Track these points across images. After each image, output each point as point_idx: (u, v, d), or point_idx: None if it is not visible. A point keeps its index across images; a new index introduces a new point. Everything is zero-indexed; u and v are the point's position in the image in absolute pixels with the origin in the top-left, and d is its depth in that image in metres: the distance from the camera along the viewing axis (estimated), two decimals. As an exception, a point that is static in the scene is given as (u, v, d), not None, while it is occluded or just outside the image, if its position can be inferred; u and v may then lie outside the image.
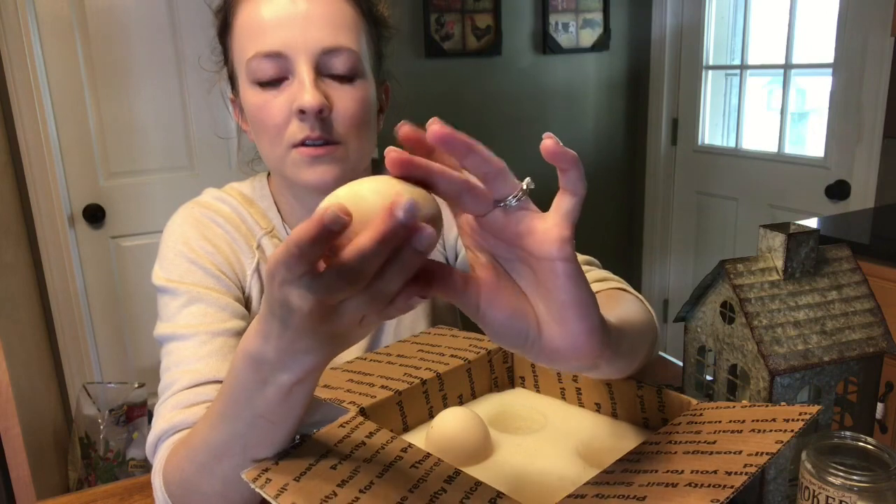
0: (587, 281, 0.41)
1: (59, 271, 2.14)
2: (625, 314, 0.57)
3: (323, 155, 0.73)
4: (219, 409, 0.50)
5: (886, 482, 0.52)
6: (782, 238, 0.67)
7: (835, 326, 0.66)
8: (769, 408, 0.49)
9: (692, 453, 0.45)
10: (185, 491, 0.57)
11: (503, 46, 2.65)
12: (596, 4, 2.76)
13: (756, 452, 0.42)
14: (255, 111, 0.74)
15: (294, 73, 0.72)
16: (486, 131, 2.66)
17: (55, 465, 2.04)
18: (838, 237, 1.71)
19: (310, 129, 0.72)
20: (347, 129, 0.74)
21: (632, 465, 0.46)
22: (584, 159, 2.73)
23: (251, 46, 0.72)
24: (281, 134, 0.73)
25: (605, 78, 2.88)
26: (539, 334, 0.41)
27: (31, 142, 2.04)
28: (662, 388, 0.60)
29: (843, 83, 2.17)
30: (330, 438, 0.51)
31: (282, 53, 0.71)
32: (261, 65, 0.72)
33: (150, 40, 2.16)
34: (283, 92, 0.73)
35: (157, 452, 0.67)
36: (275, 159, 0.76)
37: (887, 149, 2.05)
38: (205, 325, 0.74)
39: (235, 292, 0.80)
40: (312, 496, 0.44)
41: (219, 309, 0.76)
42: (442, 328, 0.80)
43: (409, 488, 0.44)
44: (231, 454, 0.49)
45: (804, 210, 2.36)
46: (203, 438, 0.52)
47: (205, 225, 0.83)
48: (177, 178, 2.28)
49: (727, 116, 2.76)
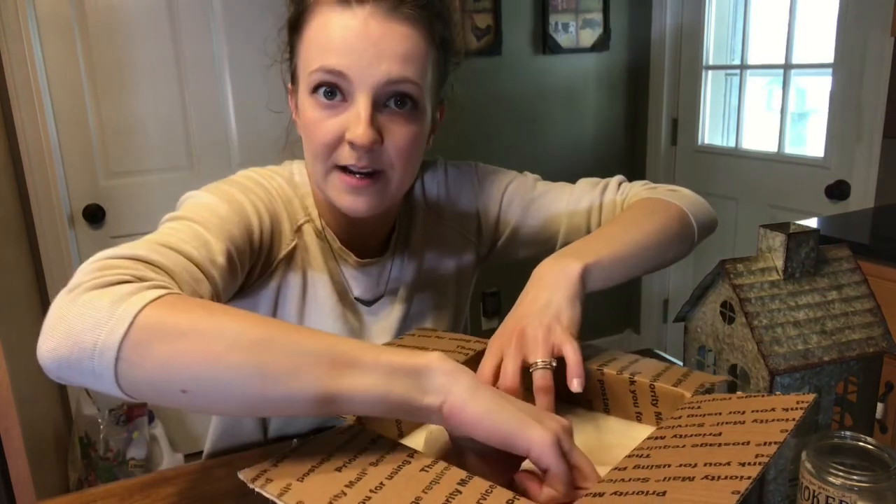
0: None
1: (59, 271, 2.13)
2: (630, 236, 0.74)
3: (365, 186, 0.74)
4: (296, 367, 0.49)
5: (886, 482, 0.52)
6: (782, 238, 0.67)
7: (835, 326, 0.66)
8: (766, 398, 0.50)
9: (701, 446, 0.45)
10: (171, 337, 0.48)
11: (503, 46, 2.65)
12: (596, 4, 2.76)
13: (764, 442, 0.43)
14: (309, 123, 0.74)
15: (353, 98, 0.72)
16: (486, 131, 2.67)
17: (55, 465, 2.04)
18: (838, 237, 1.70)
19: (356, 159, 0.72)
20: (394, 161, 0.74)
21: (643, 460, 0.46)
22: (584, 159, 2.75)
23: (317, 59, 0.72)
24: (327, 152, 0.74)
25: (605, 78, 2.88)
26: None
27: (31, 142, 2.04)
28: (654, 384, 0.61)
29: (842, 83, 2.17)
30: (330, 443, 0.51)
31: (346, 76, 0.71)
32: (323, 79, 0.72)
33: (150, 40, 2.16)
34: (339, 114, 0.72)
35: (103, 262, 0.54)
36: (317, 174, 0.77)
37: (887, 149, 2.05)
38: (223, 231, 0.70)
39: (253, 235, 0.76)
40: (320, 495, 0.43)
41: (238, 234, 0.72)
42: (426, 329, 0.80)
43: (422, 489, 0.44)
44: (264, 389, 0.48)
45: (804, 210, 2.35)
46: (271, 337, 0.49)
47: (267, 178, 0.82)
48: (177, 178, 2.28)
49: (727, 116, 2.76)
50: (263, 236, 0.77)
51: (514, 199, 0.93)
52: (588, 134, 2.90)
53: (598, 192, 0.91)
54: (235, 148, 2.33)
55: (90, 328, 0.48)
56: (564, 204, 0.92)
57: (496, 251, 0.97)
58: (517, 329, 0.63)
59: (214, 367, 0.48)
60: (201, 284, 0.62)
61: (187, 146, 2.28)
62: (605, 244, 0.73)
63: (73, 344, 0.47)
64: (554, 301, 0.64)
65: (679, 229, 0.80)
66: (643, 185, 0.92)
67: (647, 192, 0.88)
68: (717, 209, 3.17)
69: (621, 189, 0.92)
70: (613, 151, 2.98)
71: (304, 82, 0.75)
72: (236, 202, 0.75)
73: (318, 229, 0.84)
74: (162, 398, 0.49)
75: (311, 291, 0.84)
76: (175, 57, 2.20)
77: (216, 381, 0.48)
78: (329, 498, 0.43)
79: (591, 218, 0.91)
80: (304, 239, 0.83)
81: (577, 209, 0.91)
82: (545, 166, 2.82)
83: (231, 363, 0.48)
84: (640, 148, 3.01)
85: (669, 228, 0.79)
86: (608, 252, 0.71)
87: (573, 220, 0.91)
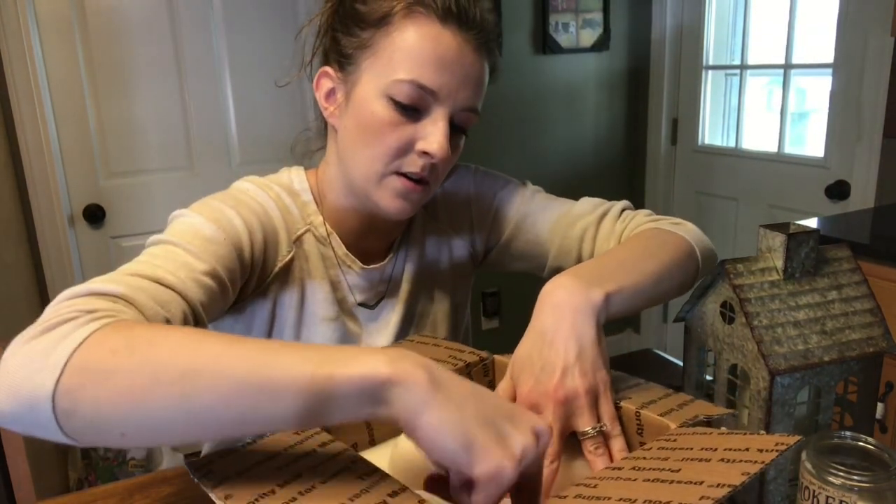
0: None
1: (59, 271, 2.14)
2: (643, 266, 0.72)
3: (417, 192, 0.77)
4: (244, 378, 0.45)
5: (886, 482, 0.52)
6: (782, 238, 0.67)
7: (835, 326, 0.66)
8: (746, 436, 0.47)
9: (652, 481, 0.44)
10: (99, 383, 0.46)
11: (503, 47, 2.64)
12: (596, 4, 2.76)
13: (718, 484, 0.41)
14: (379, 124, 0.74)
15: (432, 114, 0.74)
16: (486, 131, 2.66)
17: (55, 465, 2.04)
18: (838, 237, 1.70)
19: (421, 169, 0.75)
20: (441, 174, 0.79)
21: (587, 489, 0.45)
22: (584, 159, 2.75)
23: (411, 70, 0.72)
24: (392, 157, 0.75)
25: (605, 78, 2.88)
26: None
27: (31, 142, 2.04)
28: (640, 411, 0.58)
29: (843, 83, 2.17)
30: (281, 443, 0.51)
31: (436, 94, 0.73)
32: (412, 91, 0.72)
33: (150, 40, 2.16)
34: (414, 124, 0.74)
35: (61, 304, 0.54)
36: (368, 173, 0.77)
37: (887, 149, 2.05)
38: (208, 252, 0.69)
39: (243, 252, 0.75)
40: (248, 491, 0.44)
41: (226, 253, 0.72)
42: (425, 336, 0.80)
43: (349, 496, 0.44)
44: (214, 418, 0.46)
45: (804, 210, 2.35)
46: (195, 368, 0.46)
47: (264, 188, 0.81)
48: (177, 178, 2.28)
49: (727, 116, 2.76)
50: (255, 251, 0.76)
51: (509, 210, 0.92)
52: (588, 134, 2.90)
53: (596, 218, 0.89)
54: (235, 148, 2.33)
55: (27, 378, 0.46)
56: (559, 224, 0.89)
57: (490, 259, 0.97)
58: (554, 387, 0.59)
59: (142, 407, 0.46)
60: (170, 305, 0.61)
61: (187, 146, 2.28)
62: (625, 273, 0.70)
63: (13, 397, 0.46)
64: (585, 346, 0.61)
65: (687, 263, 0.79)
66: (646, 214, 0.89)
67: (651, 222, 0.86)
68: (717, 209, 3.16)
69: (623, 216, 0.90)
70: (613, 151, 2.98)
71: (379, 84, 0.73)
72: (225, 219, 0.74)
73: (321, 236, 0.84)
74: (107, 442, 0.48)
75: (310, 301, 0.83)
76: (175, 57, 2.20)
77: (147, 421, 0.46)
78: (256, 495, 0.43)
79: (584, 245, 0.88)
80: (303, 249, 0.82)
81: (571, 233, 0.88)
82: (545, 166, 2.82)
83: (156, 402, 0.45)
84: (640, 148, 3.01)
85: (680, 261, 0.77)
86: (630, 282, 0.68)
87: (564, 243, 0.89)
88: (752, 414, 0.66)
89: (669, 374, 2.90)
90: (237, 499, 0.43)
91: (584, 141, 2.90)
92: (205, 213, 0.74)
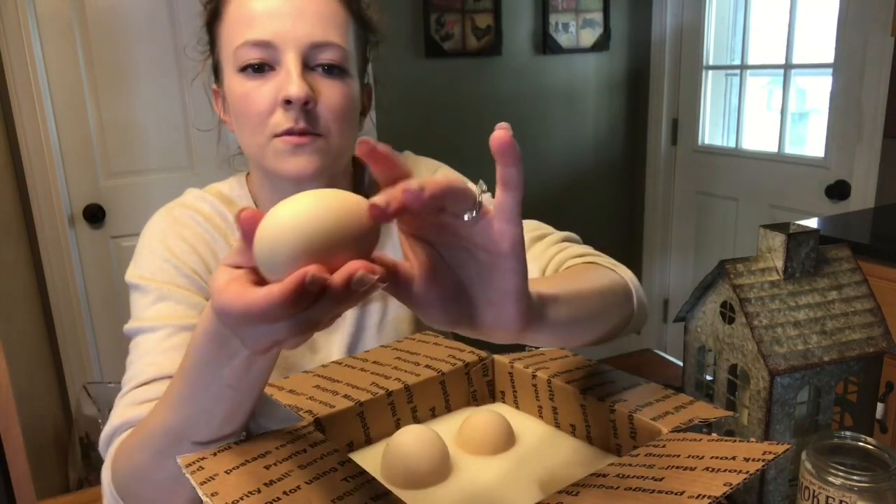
0: (527, 270, 0.42)
1: (59, 271, 2.14)
2: (579, 286, 0.57)
3: (305, 144, 0.73)
4: (180, 391, 0.50)
5: (886, 482, 0.52)
6: (782, 238, 0.67)
7: (835, 326, 0.66)
8: (735, 444, 0.47)
9: (634, 490, 0.43)
10: (135, 480, 0.56)
11: (503, 46, 2.65)
12: (596, 4, 2.76)
13: (698, 495, 0.41)
14: (240, 99, 0.75)
15: (281, 63, 0.73)
16: (486, 131, 2.65)
17: (55, 465, 2.04)
18: (838, 237, 1.71)
19: (293, 121, 0.73)
20: (331, 123, 0.75)
21: (569, 498, 0.44)
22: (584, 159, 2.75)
23: (241, 35, 0.73)
24: (264, 123, 0.74)
25: (605, 78, 2.88)
26: (472, 315, 0.42)
27: (31, 142, 2.04)
28: (633, 415, 0.56)
29: (843, 83, 2.17)
30: (273, 441, 0.51)
31: (271, 43, 0.72)
32: (249, 52, 0.73)
33: (150, 40, 2.16)
34: (268, 81, 0.73)
35: (109, 447, 0.66)
36: (256, 149, 0.77)
37: (887, 149, 2.05)
38: (172, 318, 0.74)
39: (206, 293, 0.79)
40: (233, 489, 0.44)
41: (188, 307, 0.76)
42: (427, 334, 0.79)
43: (332, 499, 0.44)
44: (195, 433, 0.49)
45: (804, 210, 2.36)
46: (162, 422, 0.51)
47: (182, 224, 0.83)
48: (177, 178, 2.28)
49: (727, 116, 2.76)
50: (204, 279, 0.80)
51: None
52: (588, 134, 2.90)
53: (530, 241, 0.80)
54: (235, 148, 2.33)
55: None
56: None
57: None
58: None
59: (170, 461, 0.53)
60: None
61: (187, 146, 2.28)
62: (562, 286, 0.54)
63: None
64: None
65: (624, 301, 0.67)
66: (587, 249, 0.79)
67: (591, 257, 0.77)
68: (717, 209, 3.17)
69: (562, 245, 0.80)
70: (613, 151, 2.98)
71: (229, 64, 0.75)
72: (170, 282, 0.77)
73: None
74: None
75: None
76: (175, 57, 2.20)
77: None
78: (241, 493, 0.44)
79: None
80: None
81: None
82: (545, 166, 2.82)
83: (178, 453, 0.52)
84: (640, 148, 3.01)
85: (619, 301, 0.66)
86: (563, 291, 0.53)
87: None
88: (752, 414, 0.66)
89: (669, 374, 2.90)
90: (223, 496, 0.43)
91: (584, 141, 2.90)
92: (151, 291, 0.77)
